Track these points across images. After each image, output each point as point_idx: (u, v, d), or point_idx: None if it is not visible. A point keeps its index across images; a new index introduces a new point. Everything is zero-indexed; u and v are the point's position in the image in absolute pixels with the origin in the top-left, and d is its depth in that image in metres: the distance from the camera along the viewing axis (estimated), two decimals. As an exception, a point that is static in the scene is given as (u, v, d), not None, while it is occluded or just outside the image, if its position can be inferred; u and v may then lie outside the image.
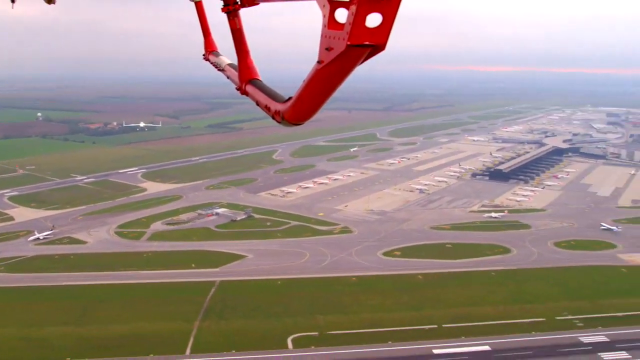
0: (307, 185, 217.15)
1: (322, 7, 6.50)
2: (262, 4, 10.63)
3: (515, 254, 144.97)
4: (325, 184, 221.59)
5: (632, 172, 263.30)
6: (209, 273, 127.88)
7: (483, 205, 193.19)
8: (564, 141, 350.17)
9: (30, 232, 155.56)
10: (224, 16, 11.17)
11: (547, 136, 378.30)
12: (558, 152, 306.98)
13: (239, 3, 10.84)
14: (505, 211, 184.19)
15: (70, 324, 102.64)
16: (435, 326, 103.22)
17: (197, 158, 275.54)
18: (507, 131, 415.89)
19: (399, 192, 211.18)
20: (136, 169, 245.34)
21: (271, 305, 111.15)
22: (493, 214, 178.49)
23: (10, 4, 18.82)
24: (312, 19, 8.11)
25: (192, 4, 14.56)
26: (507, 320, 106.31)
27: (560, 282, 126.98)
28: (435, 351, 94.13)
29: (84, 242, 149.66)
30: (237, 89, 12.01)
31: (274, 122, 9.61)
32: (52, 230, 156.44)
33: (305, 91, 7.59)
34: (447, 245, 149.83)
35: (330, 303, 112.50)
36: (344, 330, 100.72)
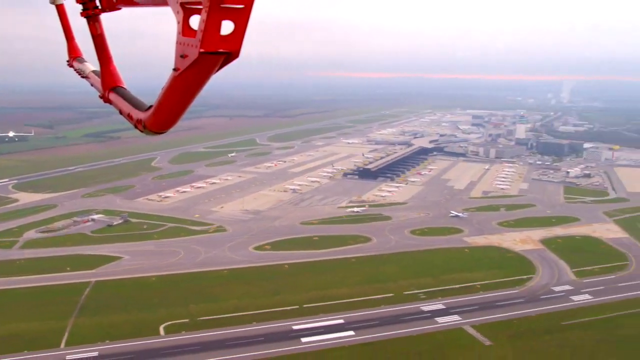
0: (184, 189, 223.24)
1: (176, 13, 6.52)
2: (124, 9, 10.35)
3: (374, 242, 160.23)
4: (203, 187, 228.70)
5: (487, 167, 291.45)
6: (84, 275, 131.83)
7: (351, 202, 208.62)
8: (430, 141, 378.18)
9: None
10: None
11: (415, 137, 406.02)
12: (424, 152, 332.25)
13: (99, 7, 10.63)
14: (366, 206, 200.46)
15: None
16: (296, 307, 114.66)
17: (73, 167, 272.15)
18: (380, 134, 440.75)
19: (274, 192, 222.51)
20: (6, 180, 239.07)
21: (145, 300, 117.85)
22: (355, 209, 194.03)
23: None
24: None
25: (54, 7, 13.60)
26: (360, 297, 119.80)
27: (412, 263, 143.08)
28: (295, 327, 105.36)
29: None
30: (100, 97, 11.65)
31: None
32: None
33: (163, 99, 7.58)
34: (314, 238, 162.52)
35: (202, 294, 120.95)
36: (213, 316, 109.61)
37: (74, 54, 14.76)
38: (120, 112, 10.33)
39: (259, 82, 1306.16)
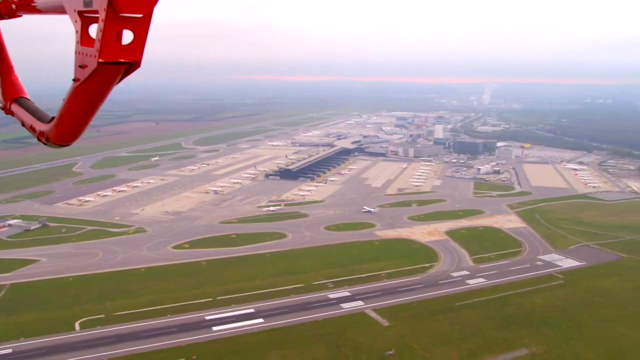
0: (105, 193, 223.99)
1: (74, 22, 6.35)
2: (25, 16, 9.88)
3: (290, 238, 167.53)
4: (124, 191, 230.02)
5: (404, 166, 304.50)
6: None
7: (270, 201, 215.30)
8: (353, 142, 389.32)
9: None
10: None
11: (338, 139, 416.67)
12: (345, 152, 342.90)
13: None
14: (282, 205, 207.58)
15: None
16: (210, 299, 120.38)
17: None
18: (305, 136, 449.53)
19: (195, 194, 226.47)
20: None
21: (61, 299, 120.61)
22: (271, 208, 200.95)
23: None
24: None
25: None
26: (272, 289, 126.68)
27: (324, 256, 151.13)
28: (207, 317, 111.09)
29: None
30: (2, 109, 11.08)
31: None
32: None
33: (65, 111, 7.34)
34: (232, 236, 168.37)
35: (118, 291, 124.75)
36: (128, 311, 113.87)
37: None
38: (23, 124, 9.99)
39: (189, 85, 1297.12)
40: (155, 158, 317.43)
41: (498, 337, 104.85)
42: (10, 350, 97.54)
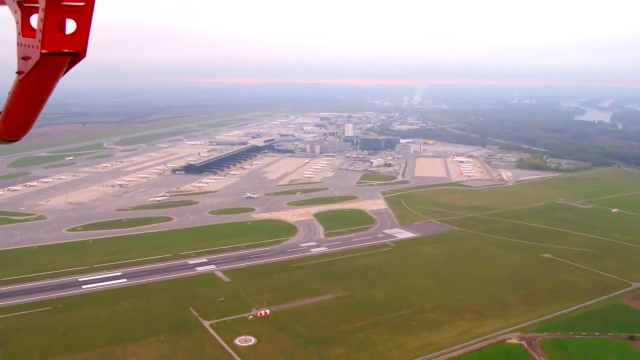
0: (15, 188, 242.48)
1: (14, 12, 6.24)
2: None
3: (175, 221, 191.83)
4: (35, 186, 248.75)
5: (306, 161, 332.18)
6: None
7: (168, 192, 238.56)
8: (265, 141, 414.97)
9: None
10: None
11: (253, 138, 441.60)
12: (255, 150, 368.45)
13: None
14: (168, 195, 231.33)
15: None
16: (87, 267, 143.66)
17: None
18: (226, 135, 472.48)
19: (101, 187, 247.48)
20: None
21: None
22: (158, 198, 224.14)
23: None
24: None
25: None
26: (143, 258, 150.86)
27: (197, 234, 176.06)
28: (80, 279, 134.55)
29: None
30: None
31: None
32: None
33: (10, 106, 7.18)
34: (123, 220, 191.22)
35: (8, 264, 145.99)
36: (12, 277, 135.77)
37: None
38: None
39: (124, 89, 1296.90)
40: (70, 157, 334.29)
41: (314, 287, 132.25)
42: None
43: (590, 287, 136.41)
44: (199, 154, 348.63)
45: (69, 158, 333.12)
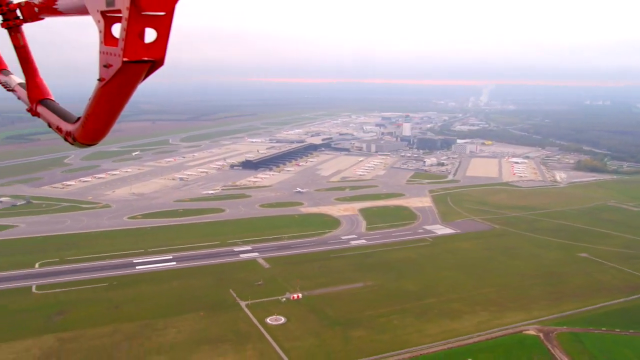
0: (86, 179, 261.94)
1: (97, 22, 6.49)
2: (47, 19, 10.14)
3: (227, 212, 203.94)
4: (103, 178, 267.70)
5: (360, 159, 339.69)
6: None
7: (224, 186, 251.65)
8: (323, 139, 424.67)
9: None
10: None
11: (311, 136, 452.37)
12: (312, 148, 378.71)
13: (21, 18, 10.43)
14: (219, 188, 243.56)
15: None
16: (142, 250, 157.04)
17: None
18: (287, 133, 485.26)
19: (163, 180, 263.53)
20: None
21: (30, 249, 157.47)
22: (210, 191, 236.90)
23: None
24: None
25: None
26: (192, 244, 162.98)
27: (246, 225, 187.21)
28: (135, 261, 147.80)
29: None
30: (28, 110, 11.24)
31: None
32: None
33: (90, 111, 7.49)
34: (179, 210, 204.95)
35: (74, 245, 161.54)
36: (78, 257, 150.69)
37: None
38: (49, 125, 10.10)
39: (198, 88, 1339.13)
40: (136, 152, 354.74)
41: (348, 276, 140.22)
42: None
43: (621, 286, 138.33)
44: (257, 151, 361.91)
45: (136, 153, 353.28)
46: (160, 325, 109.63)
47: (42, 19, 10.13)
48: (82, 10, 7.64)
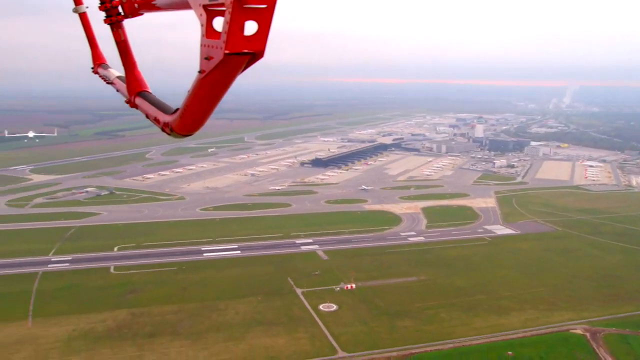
0: (164, 173, 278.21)
1: (199, 16, 6.70)
2: (146, 14, 10.68)
3: (293, 207, 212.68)
4: (180, 172, 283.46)
5: (430, 159, 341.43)
6: (72, 222, 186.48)
7: (293, 182, 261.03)
8: (394, 139, 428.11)
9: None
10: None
11: (383, 136, 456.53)
12: (382, 147, 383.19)
13: (122, 14, 10.93)
14: (286, 185, 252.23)
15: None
16: (211, 239, 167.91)
17: (80, 158, 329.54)
18: (359, 133, 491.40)
19: (235, 176, 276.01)
20: (25, 166, 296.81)
21: (109, 235, 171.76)
22: (277, 187, 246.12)
23: None
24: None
25: (77, 16, 13.93)
26: (258, 235, 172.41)
27: (309, 219, 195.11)
28: (202, 248, 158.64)
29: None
30: (127, 102, 11.93)
31: (154, 129, 10.34)
32: None
33: (190, 102, 7.76)
34: (248, 204, 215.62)
35: (149, 233, 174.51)
36: (152, 242, 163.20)
37: (98, 61, 15.09)
38: (147, 116, 10.52)
39: (279, 87, 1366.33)
40: (212, 149, 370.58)
41: (402, 270, 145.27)
42: (70, 258, 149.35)
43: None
44: (328, 150, 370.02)
45: (212, 149, 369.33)
46: (221, 307, 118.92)
47: (142, 14, 10.74)
48: (179, 6, 8.26)
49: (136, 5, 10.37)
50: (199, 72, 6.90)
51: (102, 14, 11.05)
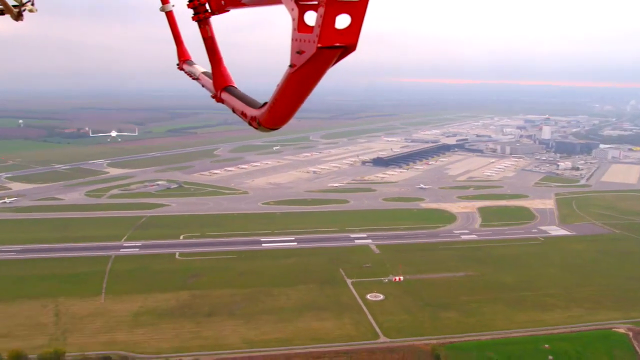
0: (230, 169, 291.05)
1: (291, 10, 6.73)
2: (232, 11, 10.84)
3: (350, 203, 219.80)
4: (245, 168, 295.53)
5: (492, 161, 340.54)
6: (143, 212, 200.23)
7: (353, 180, 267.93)
8: (458, 140, 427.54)
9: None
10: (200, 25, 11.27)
11: (447, 136, 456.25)
12: (445, 148, 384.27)
13: (209, 11, 11.04)
14: (344, 182, 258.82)
15: (55, 231, 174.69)
16: (270, 231, 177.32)
17: (153, 153, 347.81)
18: (424, 134, 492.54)
19: (298, 173, 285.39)
20: (103, 160, 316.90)
21: (177, 225, 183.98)
22: (335, 184, 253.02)
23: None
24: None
25: (163, 14, 14.15)
26: (313, 229, 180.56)
27: (366, 215, 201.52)
28: (262, 239, 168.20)
29: (62, 199, 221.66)
30: (213, 97, 12.06)
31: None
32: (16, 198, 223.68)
33: (279, 96, 7.74)
34: (308, 199, 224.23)
35: (214, 224, 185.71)
36: (216, 233, 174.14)
37: (183, 57, 15.32)
38: (234, 111, 10.55)
39: (354, 87, 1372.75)
40: (277, 147, 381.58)
41: (451, 265, 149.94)
42: (140, 244, 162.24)
43: None
44: (391, 149, 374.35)
45: (276, 147, 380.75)
46: (274, 293, 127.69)
47: (228, 10, 10.82)
48: (265, 1, 8.62)
49: (223, 2, 10.68)
50: (290, 66, 6.99)
51: (189, 12, 11.40)
